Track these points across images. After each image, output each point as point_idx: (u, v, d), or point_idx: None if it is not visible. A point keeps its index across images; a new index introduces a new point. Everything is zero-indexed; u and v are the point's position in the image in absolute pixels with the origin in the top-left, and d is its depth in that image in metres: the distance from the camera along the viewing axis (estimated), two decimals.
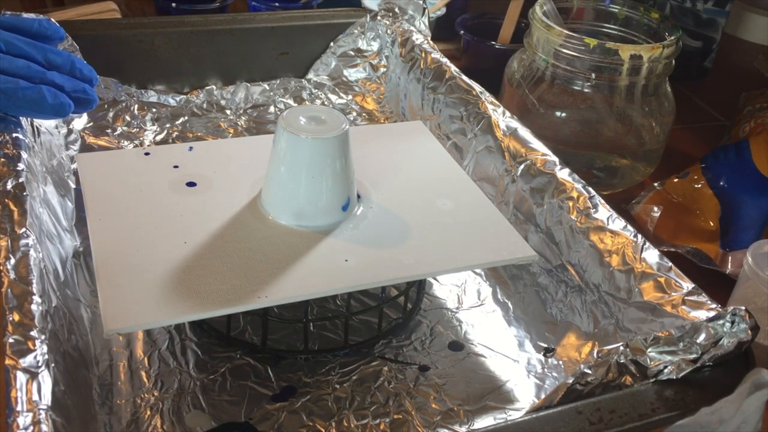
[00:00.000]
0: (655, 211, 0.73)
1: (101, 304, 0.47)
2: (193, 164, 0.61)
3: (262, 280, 0.50)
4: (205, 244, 0.53)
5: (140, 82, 0.83)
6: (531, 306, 0.61)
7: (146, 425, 0.49)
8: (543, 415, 0.43)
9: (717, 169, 0.75)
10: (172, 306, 0.48)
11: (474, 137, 0.70)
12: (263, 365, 0.55)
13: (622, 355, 0.46)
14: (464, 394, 0.54)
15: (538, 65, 0.77)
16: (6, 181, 0.54)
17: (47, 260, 0.52)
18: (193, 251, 0.52)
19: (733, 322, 0.45)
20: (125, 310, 0.47)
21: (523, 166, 0.64)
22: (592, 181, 0.71)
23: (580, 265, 0.57)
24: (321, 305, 0.60)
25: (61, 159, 0.69)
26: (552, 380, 0.55)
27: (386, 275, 0.52)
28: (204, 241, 0.54)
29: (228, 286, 0.50)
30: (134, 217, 0.55)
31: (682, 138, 0.92)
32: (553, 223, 0.60)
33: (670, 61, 0.75)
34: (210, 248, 0.53)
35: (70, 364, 0.47)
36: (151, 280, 0.49)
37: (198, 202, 0.57)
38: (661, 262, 0.53)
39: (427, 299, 0.62)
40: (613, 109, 0.76)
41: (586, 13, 0.84)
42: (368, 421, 0.51)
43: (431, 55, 0.80)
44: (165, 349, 0.55)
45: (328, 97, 0.87)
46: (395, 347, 0.57)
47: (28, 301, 0.45)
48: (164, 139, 0.78)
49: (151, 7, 1.06)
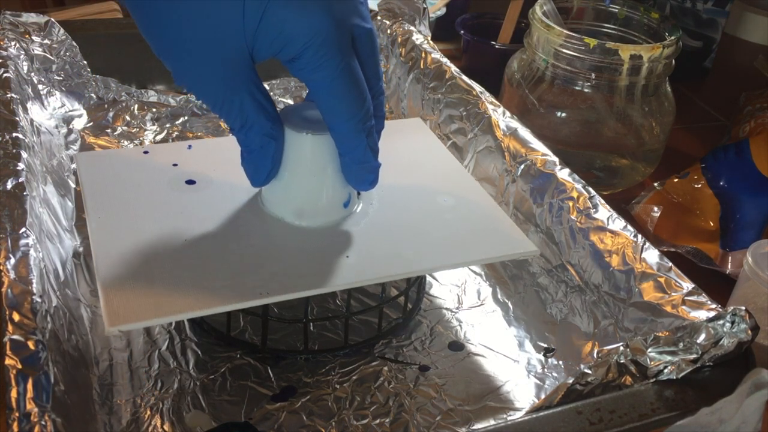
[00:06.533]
0: (655, 211, 0.73)
1: (102, 303, 0.47)
2: (192, 162, 0.61)
3: (262, 277, 0.50)
4: (205, 241, 0.53)
5: (140, 82, 0.83)
6: (531, 306, 0.61)
7: (146, 425, 0.49)
8: (543, 416, 0.43)
9: (717, 169, 0.75)
10: (173, 303, 0.48)
11: (474, 137, 0.70)
12: (263, 365, 0.55)
13: (622, 355, 0.46)
14: (464, 394, 0.54)
15: (538, 65, 0.77)
16: (6, 181, 0.54)
17: (47, 260, 0.52)
18: (193, 248, 0.52)
19: (733, 322, 0.45)
20: (126, 308, 0.47)
21: (523, 166, 0.64)
22: (592, 181, 0.71)
23: (580, 265, 0.57)
24: (321, 305, 0.60)
25: (61, 159, 0.70)
26: (552, 380, 0.55)
27: (388, 271, 0.52)
28: (204, 238, 0.53)
29: (229, 283, 0.50)
30: (134, 215, 0.55)
31: (682, 138, 0.92)
32: (553, 223, 0.60)
33: (670, 61, 0.75)
34: (210, 245, 0.53)
35: (70, 364, 0.47)
36: (152, 278, 0.49)
37: (197, 200, 0.57)
38: (661, 262, 0.53)
39: (427, 299, 0.62)
40: (613, 109, 0.76)
41: (586, 13, 0.84)
42: (368, 421, 0.51)
43: (431, 55, 0.80)
44: (165, 349, 0.55)
45: None
46: (395, 347, 0.57)
47: (28, 301, 0.45)
48: (164, 138, 0.78)
49: None
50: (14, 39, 0.74)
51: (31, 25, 0.76)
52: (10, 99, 0.65)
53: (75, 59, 0.78)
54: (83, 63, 0.78)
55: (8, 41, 0.73)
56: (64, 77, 0.77)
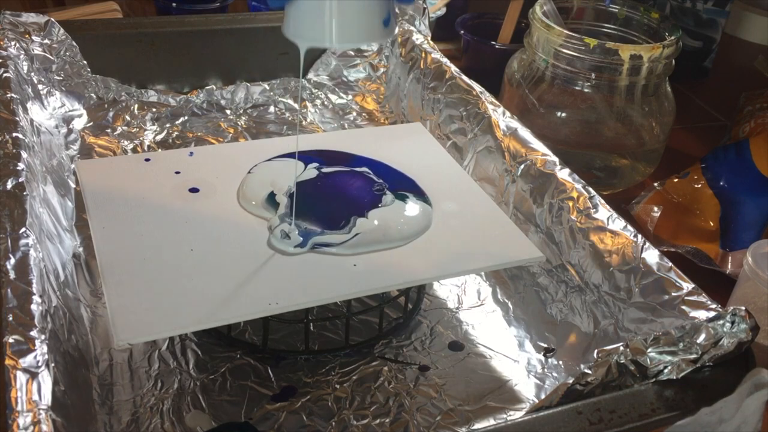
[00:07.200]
0: (655, 211, 0.73)
1: (110, 315, 0.47)
2: (194, 169, 0.61)
3: (271, 286, 0.50)
4: (212, 250, 0.53)
5: (140, 82, 0.83)
6: (531, 306, 0.61)
7: (146, 425, 0.49)
8: (543, 415, 0.43)
9: (717, 169, 0.75)
10: (183, 315, 0.48)
11: (474, 137, 0.70)
12: (263, 365, 0.55)
13: (622, 355, 0.46)
14: (464, 394, 0.54)
15: (538, 65, 0.77)
16: (6, 181, 0.54)
17: (47, 260, 0.52)
18: (200, 258, 0.52)
19: (733, 323, 0.45)
20: (135, 320, 0.47)
21: (523, 166, 0.64)
22: (592, 181, 0.71)
23: (580, 265, 0.57)
24: (321, 305, 0.59)
25: (61, 159, 0.69)
26: (552, 380, 0.55)
27: (395, 279, 0.52)
28: (210, 247, 0.53)
29: (238, 293, 0.49)
30: (139, 225, 0.55)
31: (682, 138, 0.92)
32: (553, 223, 0.60)
33: (670, 61, 0.75)
34: (217, 255, 0.53)
35: (70, 364, 0.47)
36: (160, 289, 0.49)
37: (202, 208, 0.57)
38: (661, 262, 0.53)
39: (427, 299, 0.62)
40: (613, 109, 0.76)
41: (586, 13, 0.84)
42: (368, 421, 0.51)
43: (431, 55, 0.80)
44: (165, 349, 0.55)
45: (328, 97, 0.87)
46: (395, 347, 0.57)
47: (28, 301, 0.45)
48: (164, 138, 0.78)
49: (151, 6, 1.06)
50: (14, 39, 0.74)
51: (31, 25, 0.76)
52: (10, 99, 0.65)
53: (75, 59, 0.78)
54: (83, 63, 0.78)
55: (8, 41, 0.73)
56: (64, 77, 0.77)
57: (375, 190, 0.59)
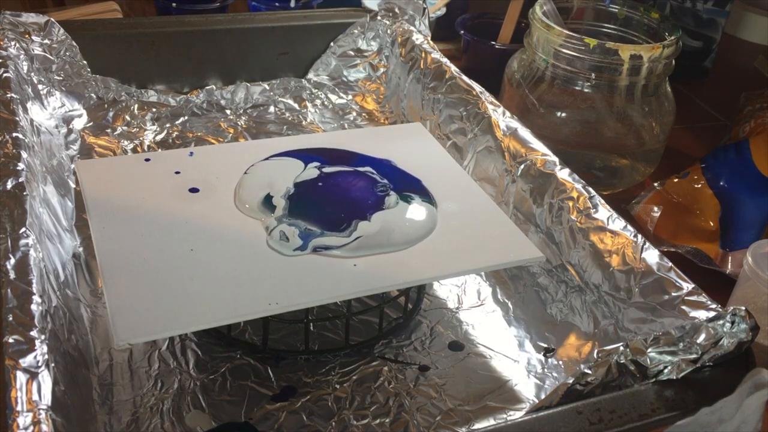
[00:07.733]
0: (655, 211, 0.73)
1: (110, 316, 0.47)
2: (194, 169, 0.61)
3: (271, 286, 0.50)
4: (212, 250, 0.53)
5: (140, 82, 0.83)
6: (531, 306, 0.61)
7: (146, 425, 0.49)
8: (543, 415, 0.43)
9: (717, 169, 0.75)
10: (183, 315, 0.48)
11: (474, 137, 0.70)
12: (263, 365, 0.55)
13: (622, 355, 0.46)
14: (464, 394, 0.54)
15: (538, 65, 0.77)
16: (6, 181, 0.54)
17: (47, 260, 0.52)
18: (200, 258, 0.52)
19: (733, 323, 0.45)
20: (135, 320, 0.47)
21: (523, 166, 0.64)
22: (592, 181, 0.71)
23: (580, 265, 0.57)
24: (321, 305, 0.59)
25: (61, 159, 0.70)
26: (552, 380, 0.55)
27: (395, 279, 0.52)
28: (210, 247, 0.53)
29: (238, 293, 0.49)
30: (139, 225, 0.55)
31: (682, 138, 0.92)
32: (553, 223, 0.60)
33: (670, 61, 0.75)
34: (217, 255, 0.53)
35: (70, 364, 0.47)
36: (160, 289, 0.49)
37: (202, 208, 0.57)
38: (661, 262, 0.53)
39: (427, 299, 0.62)
40: (613, 109, 0.76)
41: (586, 13, 0.84)
42: (368, 421, 0.51)
43: (431, 55, 0.80)
44: (165, 349, 0.55)
45: (328, 97, 0.87)
46: (395, 347, 0.57)
47: (28, 301, 0.45)
48: (164, 138, 0.78)
49: (151, 6, 1.06)
50: (14, 39, 0.74)
51: (31, 25, 0.76)
52: (10, 99, 0.65)
53: (75, 59, 0.78)
54: (83, 63, 0.78)
55: (8, 41, 0.73)
56: (64, 77, 0.77)
57: (378, 190, 0.59)
